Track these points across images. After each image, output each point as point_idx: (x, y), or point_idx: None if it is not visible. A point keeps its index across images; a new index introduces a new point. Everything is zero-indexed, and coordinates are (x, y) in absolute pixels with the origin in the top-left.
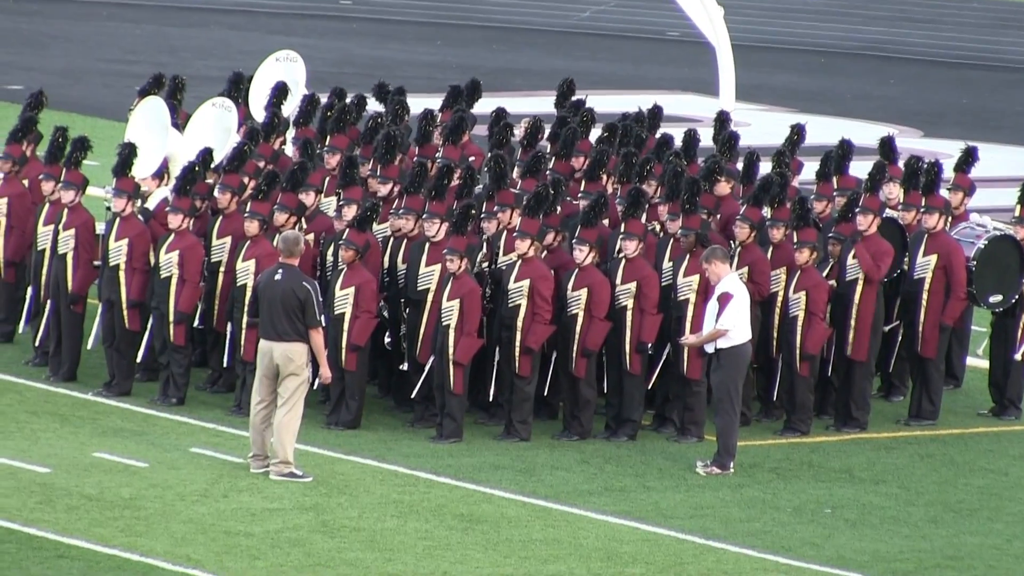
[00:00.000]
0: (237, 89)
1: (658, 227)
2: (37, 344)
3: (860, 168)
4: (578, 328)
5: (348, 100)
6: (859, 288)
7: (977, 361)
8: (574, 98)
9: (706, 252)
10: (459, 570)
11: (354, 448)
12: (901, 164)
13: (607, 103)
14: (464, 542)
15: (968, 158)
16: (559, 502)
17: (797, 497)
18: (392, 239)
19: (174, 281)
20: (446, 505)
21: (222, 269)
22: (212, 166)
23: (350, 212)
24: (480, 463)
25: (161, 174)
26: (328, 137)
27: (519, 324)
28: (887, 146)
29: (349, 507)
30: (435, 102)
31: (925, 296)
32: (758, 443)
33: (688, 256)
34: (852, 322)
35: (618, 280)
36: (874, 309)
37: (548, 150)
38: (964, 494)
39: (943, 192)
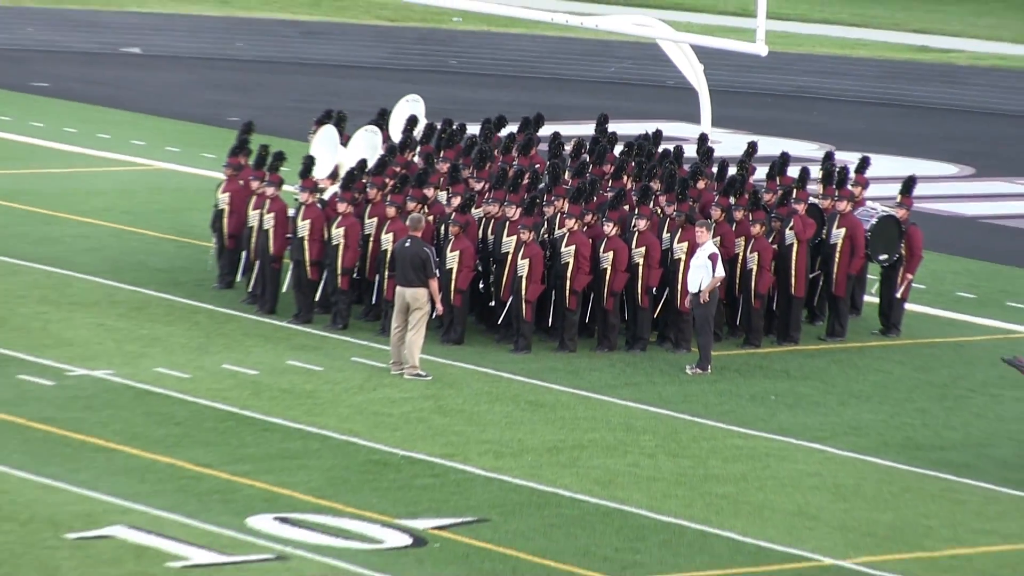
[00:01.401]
0: (381, 119)
1: (660, 211)
2: (249, 289)
3: (793, 171)
4: (607, 277)
5: (454, 126)
6: (795, 249)
7: (871, 298)
8: (608, 126)
9: (699, 221)
10: (530, 437)
11: (459, 357)
12: (818, 170)
13: (626, 129)
14: (533, 419)
15: (864, 164)
16: (595, 392)
17: (752, 388)
18: (484, 219)
19: (341, 247)
20: (520, 395)
21: (371, 240)
22: (365, 171)
23: (456, 201)
24: (543, 367)
25: (332, 176)
26: (441, 151)
27: (568, 275)
28: (829, 158)
29: (456, 396)
30: (512, 128)
31: (837, 256)
32: (726, 353)
33: (680, 230)
34: (792, 271)
35: (633, 245)
36: (806, 263)
37: (588, 160)
38: (863, 386)
39: (849, 187)
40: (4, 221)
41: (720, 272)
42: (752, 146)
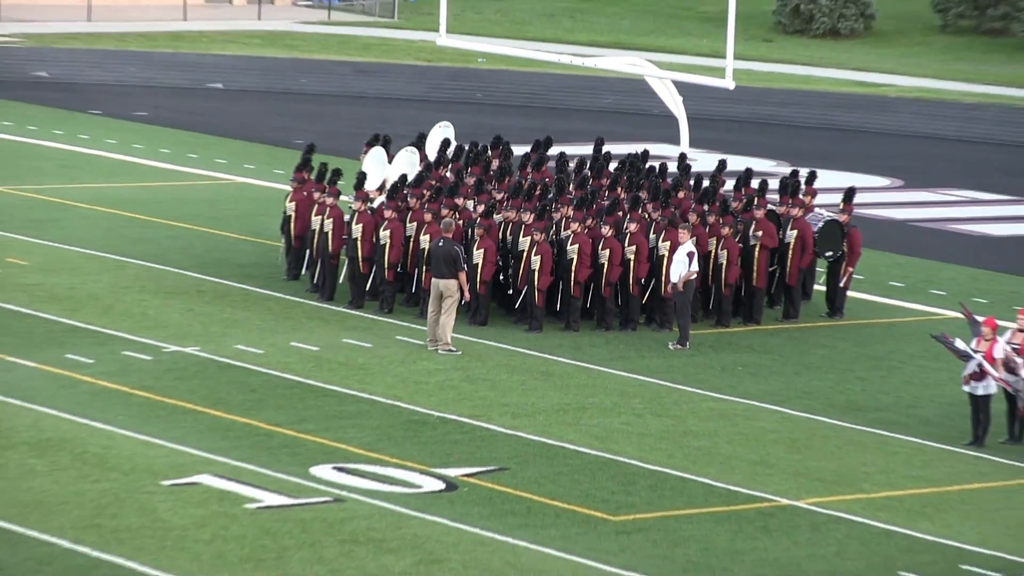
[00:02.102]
0: (420, 141)
1: (648, 216)
2: (312, 281)
3: (756, 183)
4: (604, 271)
5: (479, 147)
6: (757, 248)
7: (819, 287)
8: (604, 147)
9: (682, 224)
10: (542, 400)
11: (483, 336)
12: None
13: (619, 149)
14: (543, 386)
15: (812, 178)
16: (595, 364)
17: (723, 361)
18: (504, 223)
19: (387, 246)
20: (534, 367)
21: (412, 240)
22: (407, 184)
23: (481, 208)
24: (551, 343)
25: (380, 188)
26: (468, 168)
27: (572, 268)
28: (795, 175)
29: (481, 367)
30: (526, 148)
31: (791, 253)
32: (702, 332)
33: (664, 231)
34: (755, 267)
35: (626, 244)
36: (766, 260)
37: (588, 174)
38: (812, 359)
39: (801, 196)
40: (110, 225)
41: (694, 267)
42: (722, 163)
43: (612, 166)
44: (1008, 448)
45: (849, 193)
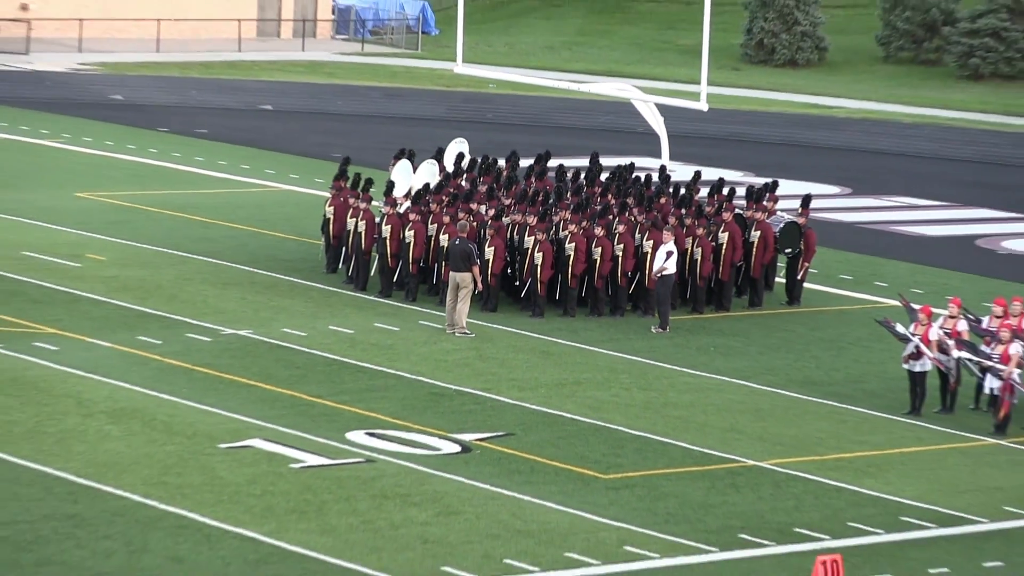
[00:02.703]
0: (439, 155)
1: (634, 218)
2: (348, 274)
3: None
4: (597, 266)
5: (490, 160)
6: (724, 247)
7: (780, 280)
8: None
9: (666, 226)
10: (544, 375)
11: (493, 321)
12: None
13: (609, 162)
14: (544, 364)
15: (775, 186)
16: (588, 345)
17: (697, 342)
18: (511, 224)
19: (412, 244)
20: (536, 347)
21: (433, 239)
22: (429, 191)
23: (491, 212)
24: (551, 327)
25: (406, 195)
26: (481, 177)
27: (570, 263)
28: (767, 185)
29: (492, 348)
30: (529, 160)
31: (755, 250)
32: (679, 318)
33: (648, 231)
34: (721, 262)
35: (615, 243)
36: (732, 257)
37: (583, 183)
38: (775, 340)
39: (764, 202)
40: (175, 226)
41: (671, 263)
42: (697, 174)
43: (603, 176)
44: (941, 417)
45: (806, 199)
